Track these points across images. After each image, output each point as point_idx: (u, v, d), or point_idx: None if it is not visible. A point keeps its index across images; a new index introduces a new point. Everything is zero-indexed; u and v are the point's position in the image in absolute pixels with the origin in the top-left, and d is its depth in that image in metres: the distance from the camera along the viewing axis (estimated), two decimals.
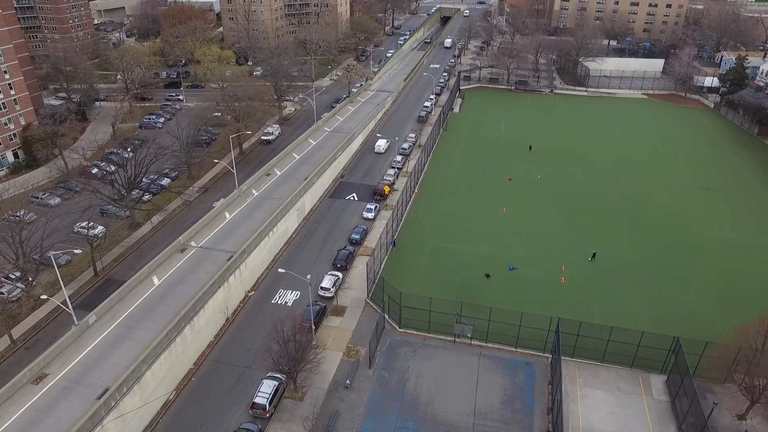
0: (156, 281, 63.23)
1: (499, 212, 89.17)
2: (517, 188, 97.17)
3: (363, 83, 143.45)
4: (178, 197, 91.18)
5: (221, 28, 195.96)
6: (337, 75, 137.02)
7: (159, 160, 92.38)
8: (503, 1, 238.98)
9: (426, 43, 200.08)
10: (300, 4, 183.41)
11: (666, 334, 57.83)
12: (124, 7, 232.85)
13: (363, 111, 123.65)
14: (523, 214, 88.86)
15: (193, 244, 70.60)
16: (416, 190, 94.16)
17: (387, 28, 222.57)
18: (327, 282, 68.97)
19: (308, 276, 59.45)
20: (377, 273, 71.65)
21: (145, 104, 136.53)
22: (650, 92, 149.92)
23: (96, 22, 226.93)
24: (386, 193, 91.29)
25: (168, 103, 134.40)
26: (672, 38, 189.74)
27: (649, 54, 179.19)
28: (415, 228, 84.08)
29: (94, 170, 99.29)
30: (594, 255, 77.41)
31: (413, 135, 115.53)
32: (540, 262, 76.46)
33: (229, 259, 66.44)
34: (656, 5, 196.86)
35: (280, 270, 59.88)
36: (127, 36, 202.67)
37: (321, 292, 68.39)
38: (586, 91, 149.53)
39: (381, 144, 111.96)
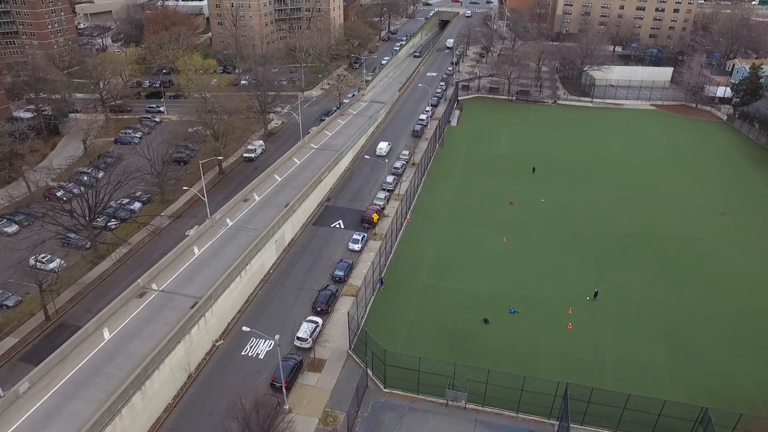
0: (107, 335, 55.32)
1: (499, 242, 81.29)
2: (519, 213, 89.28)
3: (355, 93, 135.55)
4: (147, 226, 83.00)
5: (210, 33, 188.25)
6: (329, 84, 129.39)
7: (128, 183, 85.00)
8: (504, 4, 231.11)
9: (415, 56, 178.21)
10: (291, 9, 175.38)
11: (692, 404, 49.85)
12: (111, 12, 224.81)
13: (354, 125, 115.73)
14: (525, 244, 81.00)
15: (154, 287, 62.67)
16: (408, 217, 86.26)
17: (383, 33, 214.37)
18: (304, 331, 61.03)
19: (277, 336, 51.51)
20: (361, 319, 63.80)
21: (124, 116, 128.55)
22: (659, 103, 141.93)
23: (82, 26, 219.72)
24: (375, 221, 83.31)
25: (147, 115, 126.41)
26: (680, 44, 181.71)
27: (657, 61, 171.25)
28: (405, 262, 76.19)
29: (60, 192, 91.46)
30: (596, 294, 69.57)
31: (407, 152, 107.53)
32: (544, 303, 68.63)
33: (192, 306, 58.59)
34: (663, 10, 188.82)
35: (244, 328, 51.97)
36: (113, 41, 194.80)
37: (297, 343, 60.49)
38: (591, 101, 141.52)
39: (382, 146, 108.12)
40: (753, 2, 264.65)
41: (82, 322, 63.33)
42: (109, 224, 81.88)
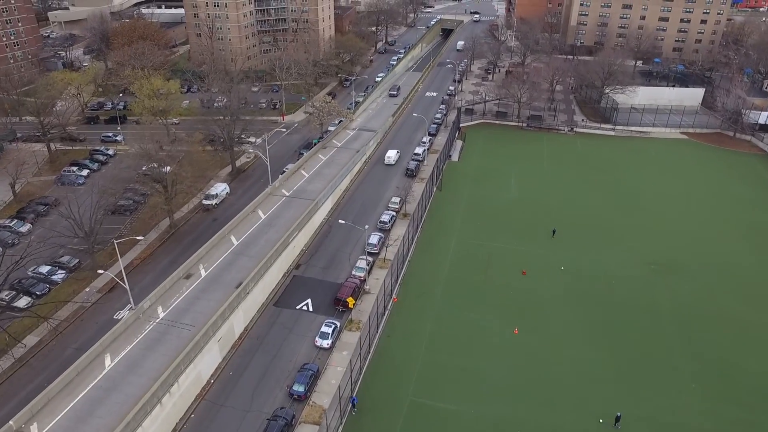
0: None
1: (508, 333, 63.76)
2: (533, 287, 71.66)
3: (343, 120, 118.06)
4: (50, 320, 64.24)
5: (188, 45, 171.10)
6: (313, 107, 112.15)
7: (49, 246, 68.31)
8: (511, 13, 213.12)
9: (391, 95, 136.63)
10: (275, 20, 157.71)
11: None
12: (86, 19, 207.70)
13: (336, 161, 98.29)
14: (541, 336, 63.50)
15: (32, 430, 45.37)
16: (394, 296, 68.73)
17: (379, 44, 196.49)
18: None
19: None
20: None
21: (75, 147, 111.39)
22: (690, 131, 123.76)
23: (55, 35, 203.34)
24: (350, 305, 65.64)
25: (99, 149, 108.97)
26: (707, 60, 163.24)
27: (683, 79, 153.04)
28: (387, 366, 58.75)
29: None
30: (618, 419, 52.14)
31: (397, 200, 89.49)
32: None
33: None
34: (689, 21, 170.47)
35: None
36: (84, 54, 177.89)
37: None
38: (613, 129, 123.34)
39: (391, 155, 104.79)
40: (761, 8, 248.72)
41: None
42: (14, 302, 64.87)
